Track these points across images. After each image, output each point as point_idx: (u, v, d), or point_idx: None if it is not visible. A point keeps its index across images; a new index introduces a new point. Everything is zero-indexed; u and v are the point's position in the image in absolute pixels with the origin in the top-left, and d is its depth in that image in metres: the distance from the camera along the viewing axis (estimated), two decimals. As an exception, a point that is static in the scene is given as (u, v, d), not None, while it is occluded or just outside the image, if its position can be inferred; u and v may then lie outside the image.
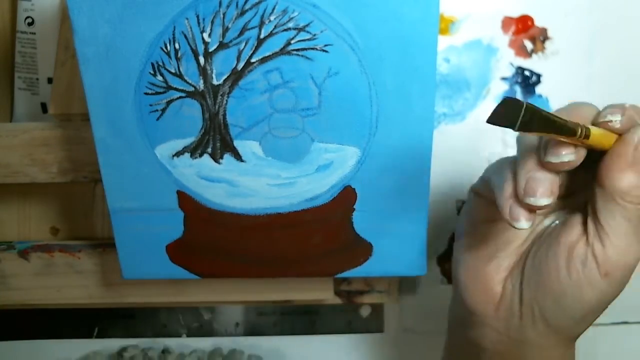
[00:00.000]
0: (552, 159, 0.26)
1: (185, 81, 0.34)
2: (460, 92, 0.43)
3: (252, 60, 0.34)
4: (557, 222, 0.30)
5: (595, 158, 0.27)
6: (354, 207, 0.37)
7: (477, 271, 0.31)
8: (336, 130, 0.35)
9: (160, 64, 0.34)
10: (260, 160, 0.36)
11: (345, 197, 0.37)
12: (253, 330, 0.48)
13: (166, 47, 0.34)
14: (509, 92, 0.43)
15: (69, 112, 0.40)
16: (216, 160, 0.36)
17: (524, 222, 0.26)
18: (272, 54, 0.34)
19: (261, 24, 0.33)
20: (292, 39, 0.33)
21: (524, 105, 0.23)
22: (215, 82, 0.34)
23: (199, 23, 0.33)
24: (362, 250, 0.38)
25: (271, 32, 0.33)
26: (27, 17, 0.44)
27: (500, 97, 0.43)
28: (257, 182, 0.36)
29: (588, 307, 0.28)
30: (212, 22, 0.33)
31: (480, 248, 0.32)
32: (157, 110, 0.35)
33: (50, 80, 0.44)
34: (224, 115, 0.35)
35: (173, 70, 0.34)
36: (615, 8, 0.43)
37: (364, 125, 0.35)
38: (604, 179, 0.26)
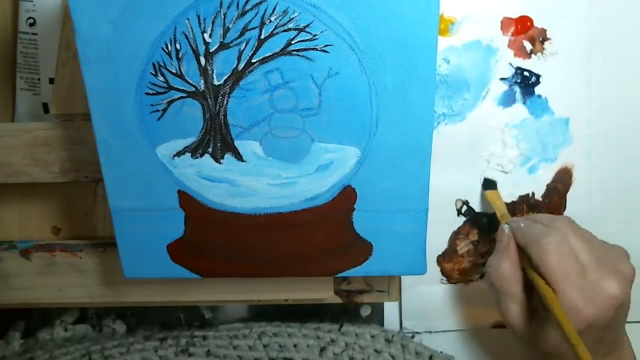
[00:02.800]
0: None
1: (186, 81, 0.35)
2: (459, 92, 0.43)
3: (253, 60, 0.34)
4: None
5: None
6: (354, 206, 0.37)
7: None
8: (336, 130, 0.35)
9: (162, 64, 0.34)
10: (261, 160, 0.36)
11: (346, 196, 0.37)
12: (253, 329, 0.48)
13: (167, 48, 0.34)
14: (508, 93, 0.43)
15: (71, 112, 0.40)
16: (217, 160, 0.36)
17: None
18: (273, 55, 0.34)
19: (262, 24, 0.33)
20: (293, 39, 0.33)
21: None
22: (216, 82, 0.34)
23: (199, 23, 0.33)
24: (362, 249, 0.39)
25: (272, 32, 0.33)
26: (29, 18, 0.44)
27: (500, 98, 0.43)
28: (258, 182, 0.37)
29: None
30: (213, 22, 0.33)
31: None
32: (158, 111, 0.35)
33: (51, 81, 0.45)
34: (225, 115, 0.35)
35: (174, 71, 0.34)
36: (614, 9, 0.43)
37: (364, 125, 0.35)
38: None
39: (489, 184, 0.44)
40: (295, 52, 0.34)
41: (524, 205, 0.44)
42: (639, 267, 0.46)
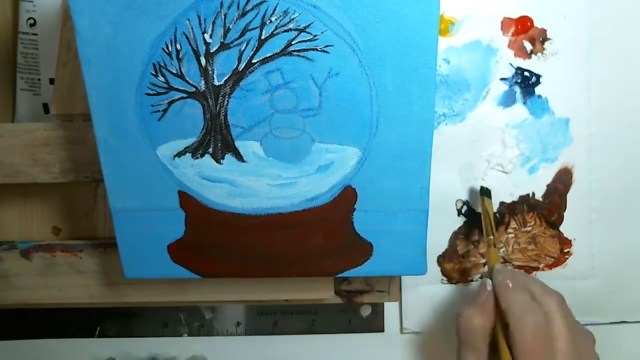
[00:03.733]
0: None
1: (187, 82, 0.35)
2: (460, 92, 0.43)
3: (253, 61, 0.34)
4: None
5: None
6: (355, 207, 0.37)
7: None
8: (337, 131, 0.35)
9: (162, 64, 0.34)
10: (261, 161, 0.36)
11: (346, 197, 0.37)
12: (254, 329, 0.48)
13: (168, 48, 0.34)
14: (508, 93, 0.43)
15: (71, 113, 0.40)
16: (217, 161, 0.36)
17: None
18: (273, 55, 0.34)
19: (262, 24, 0.33)
20: (293, 39, 0.33)
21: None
22: (216, 82, 0.34)
23: (200, 24, 0.33)
24: (362, 250, 0.39)
25: (272, 33, 0.33)
26: (29, 18, 0.44)
27: (500, 98, 0.43)
28: (258, 182, 0.37)
29: None
30: (214, 22, 0.33)
31: None
32: (158, 111, 0.35)
33: (52, 81, 0.45)
34: (225, 115, 0.35)
35: (174, 71, 0.34)
36: (614, 9, 0.43)
37: (364, 126, 0.35)
38: None
39: (485, 192, 0.43)
40: (295, 53, 0.34)
41: (524, 205, 0.44)
42: (639, 266, 0.46)
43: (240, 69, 0.34)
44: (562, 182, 0.44)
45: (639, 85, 0.44)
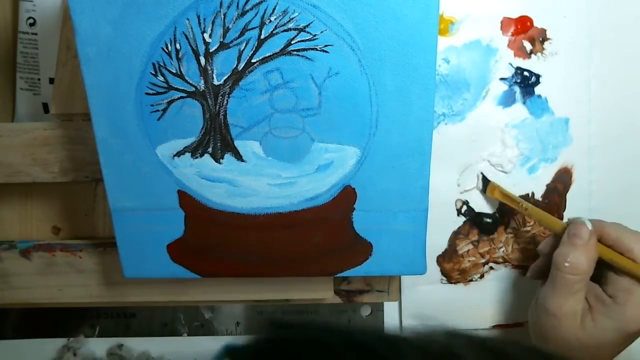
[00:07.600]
0: None
1: (186, 81, 0.35)
2: (459, 92, 0.43)
3: (253, 60, 0.34)
4: None
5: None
6: (354, 206, 0.37)
7: None
8: (336, 130, 0.35)
9: (161, 64, 0.34)
10: (261, 160, 0.36)
11: (345, 196, 0.37)
12: (253, 329, 0.48)
13: (167, 48, 0.34)
14: (508, 93, 0.43)
15: (71, 112, 0.40)
16: (217, 160, 0.36)
17: None
18: (273, 55, 0.34)
19: (262, 24, 0.33)
20: (293, 39, 0.33)
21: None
22: (216, 82, 0.34)
23: (199, 23, 0.33)
24: (362, 249, 0.39)
25: (272, 32, 0.33)
26: (29, 18, 0.44)
27: (500, 98, 0.43)
28: (258, 182, 0.37)
29: None
30: (213, 22, 0.33)
31: None
32: (158, 110, 0.35)
33: (51, 81, 0.45)
34: (225, 115, 0.35)
35: (174, 71, 0.34)
36: (614, 9, 0.43)
37: (364, 125, 0.35)
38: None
39: (485, 183, 0.44)
40: (295, 52, 0.34)
41: (524, 205, 0.44)
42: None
43: (240, 69, 0.34)
44: (562, 182, 0.44)
45: (638, 85, 0.44)
